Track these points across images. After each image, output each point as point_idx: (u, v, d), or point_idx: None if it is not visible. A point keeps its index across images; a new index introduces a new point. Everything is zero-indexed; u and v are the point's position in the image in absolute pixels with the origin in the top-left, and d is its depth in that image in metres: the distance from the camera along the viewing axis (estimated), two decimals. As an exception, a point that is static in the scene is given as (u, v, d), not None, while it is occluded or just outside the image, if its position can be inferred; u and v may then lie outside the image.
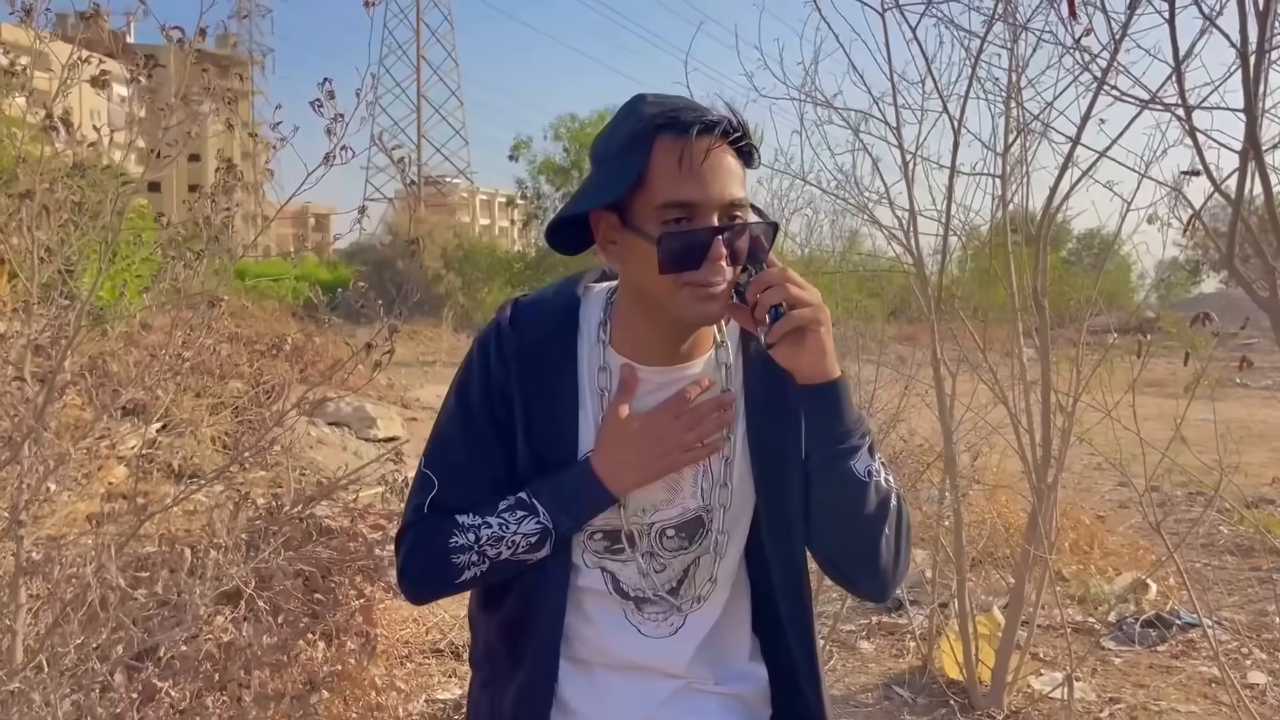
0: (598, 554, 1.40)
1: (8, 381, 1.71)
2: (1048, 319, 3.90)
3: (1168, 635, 4.80)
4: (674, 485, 1.38)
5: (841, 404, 1.30)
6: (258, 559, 2.14)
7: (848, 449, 1.30)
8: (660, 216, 1.25)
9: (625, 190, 1.26)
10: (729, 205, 1.26)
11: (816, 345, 1.26)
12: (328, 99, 1.71)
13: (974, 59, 3.82)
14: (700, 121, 1.25)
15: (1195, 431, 3.41)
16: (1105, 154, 3.58)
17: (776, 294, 1.24)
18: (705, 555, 1.40)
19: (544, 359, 1.38)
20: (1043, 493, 3.88)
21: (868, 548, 1.31)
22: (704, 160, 1.25)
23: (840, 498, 1.31)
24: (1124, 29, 3.14)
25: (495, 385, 1.37)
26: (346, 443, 9.48)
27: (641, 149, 1.26)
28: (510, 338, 1.38)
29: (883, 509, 1.31)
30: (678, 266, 1.25)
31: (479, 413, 1.38)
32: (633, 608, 1.41)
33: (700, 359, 1.39)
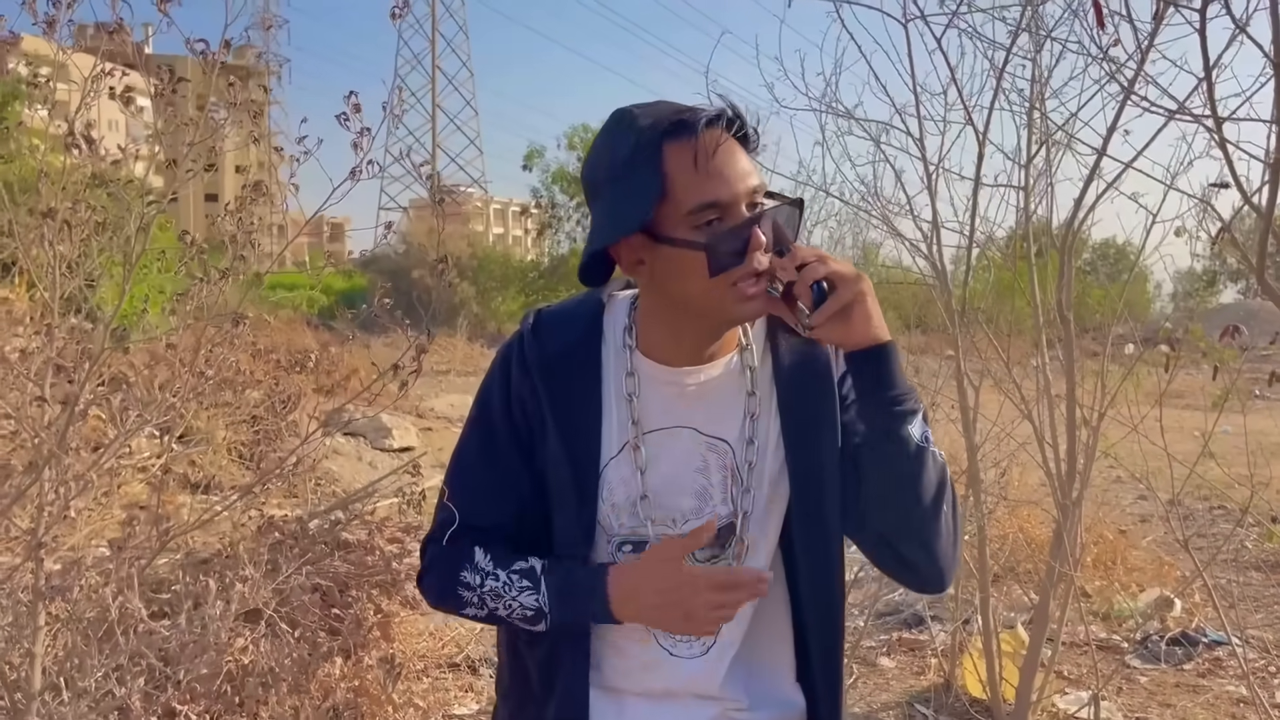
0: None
1: (29, 402, 1.69)
2: (1073, 332, 3.86)
3: (1194, 653, 4.73)
4: (704, 494, 1.36)
5: (894, 367, 1.28)
6: (279, 579, 2.11)
7: (903, 412, 1.27)
8: (693, 222, 1.24)
9: (650, 207, 1.24)
10: (752, 193, 1.27)
11: (863, 313, 1.25)
12: (354, 112, 1.69)
13: (999, 70, 3.77)
14: (702, 119, 1.25)
15: (1217, 444, 3.36)
16: (1131, 165, 3.54)
17: (819, 269, 1.24)
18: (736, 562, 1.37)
19: (567, 366, 1.37)
20: (1067, 509, 3.82)
21: (928, 523, 1.28)
22: (717, 155, 1.24)
23: (896, 468, 1.28)
24: (1151, 38, 3.10)
25: (516, 397, 1.37)
26: (362, 453, 9.48)
27: (651, 161, 1.25)
28: (532, 347, 1.38)
29: (942, 482, 1.29)
30: (727, 266, 1.24)
31: (500, 426, 1.37)
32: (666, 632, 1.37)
33: (722, 359, 1.37)
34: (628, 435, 1.35)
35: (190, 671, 1.93)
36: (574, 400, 1.35)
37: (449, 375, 18.65)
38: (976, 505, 4.14)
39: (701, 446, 1.36)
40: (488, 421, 1.39)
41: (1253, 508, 5.21)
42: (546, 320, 1.41)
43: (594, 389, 1.36)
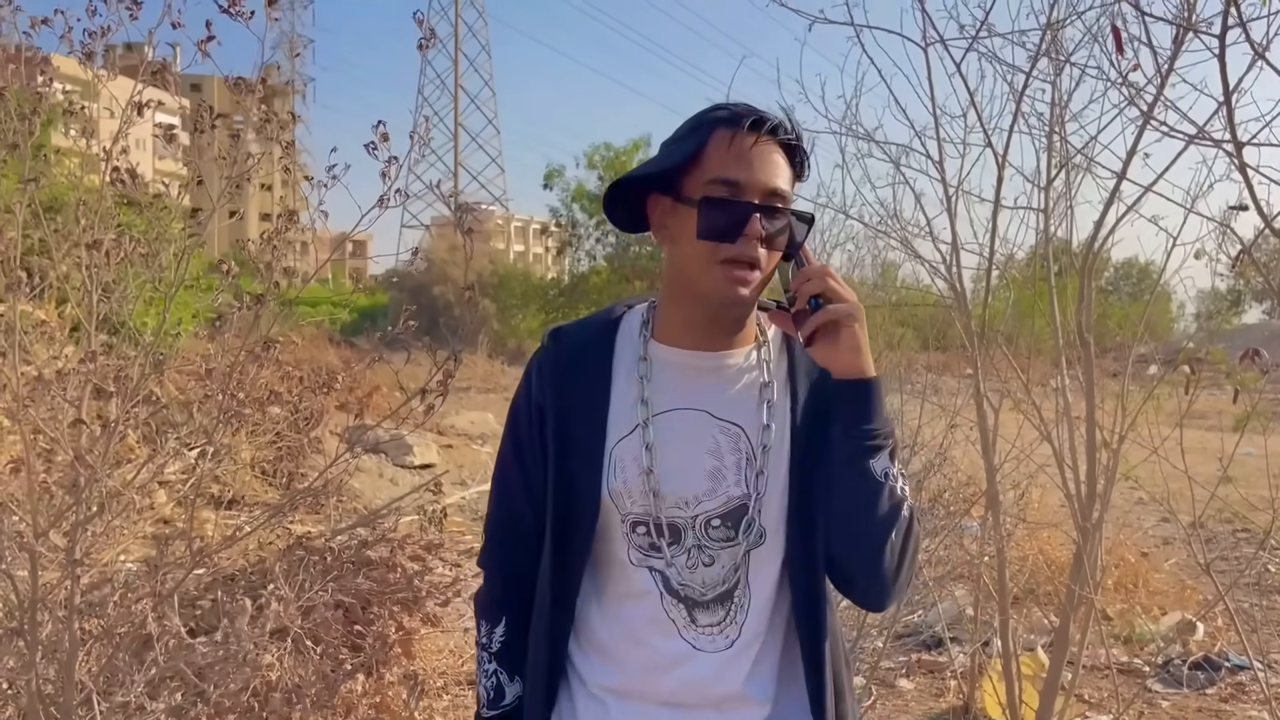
0: (643, 551, 1.41)
1: (68, 425, 1.74)
2: (1092, 354, 3.86)
3: (1216, 678, 4.70)
4: (717, 474, 1.40)
5: (872, 402, 1.34)
6: (305, 598, 2.15)
7: (870, 446, 1.33)
8: (707, 191, 1.34)
9: (677, 163, 1.36)
10: (771, 192, 1.35)
11: (851, 341, 1.31)
12: (381, 142, 1.73)
13: (1018, 94, 3.79)
14: (755, 116, 1.35)
15: (1239, 467, 3.35)
16: (1151, 189, 3.55)
17: (816, 285, 1.32)
18: (754, 550, 1.41)
19: (579, 364, 1.45)
20: (1087, 531, 3.81)
21: (872, 549, 1.34)
22: (753, 146, 1.34)
23: (854, 493, 1.34)
24: (1170, 63, 3.12)
25: (535, 402, 1.45)
26: (383, 469, 9.53)
27: (699, 135, 1.36)
28: (549, 354, 1.47)
29: (893, 514, 1.34)
30: (715, 235, 1.33)
31: (524, 429, 1.47)
32: (686, 619, 1.41)
33: (741, 349, 1.44)
34: (638, 416, 1.41)
35: (220, 687, 1.97)
36: (583, 390, 1.43)
37: (469, 392, 18.74)
38: (996, 526, 4.14)
39: (714, 429, 1.41)
40: (515, 426, 1.49)
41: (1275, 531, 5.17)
42: (565, 332, 1.51)
43: (604, 376, 1.44)
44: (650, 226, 1.45)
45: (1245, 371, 3.87)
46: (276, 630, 2.37)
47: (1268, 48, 2.49)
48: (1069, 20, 3.75)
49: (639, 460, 1.40)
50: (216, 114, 1.81)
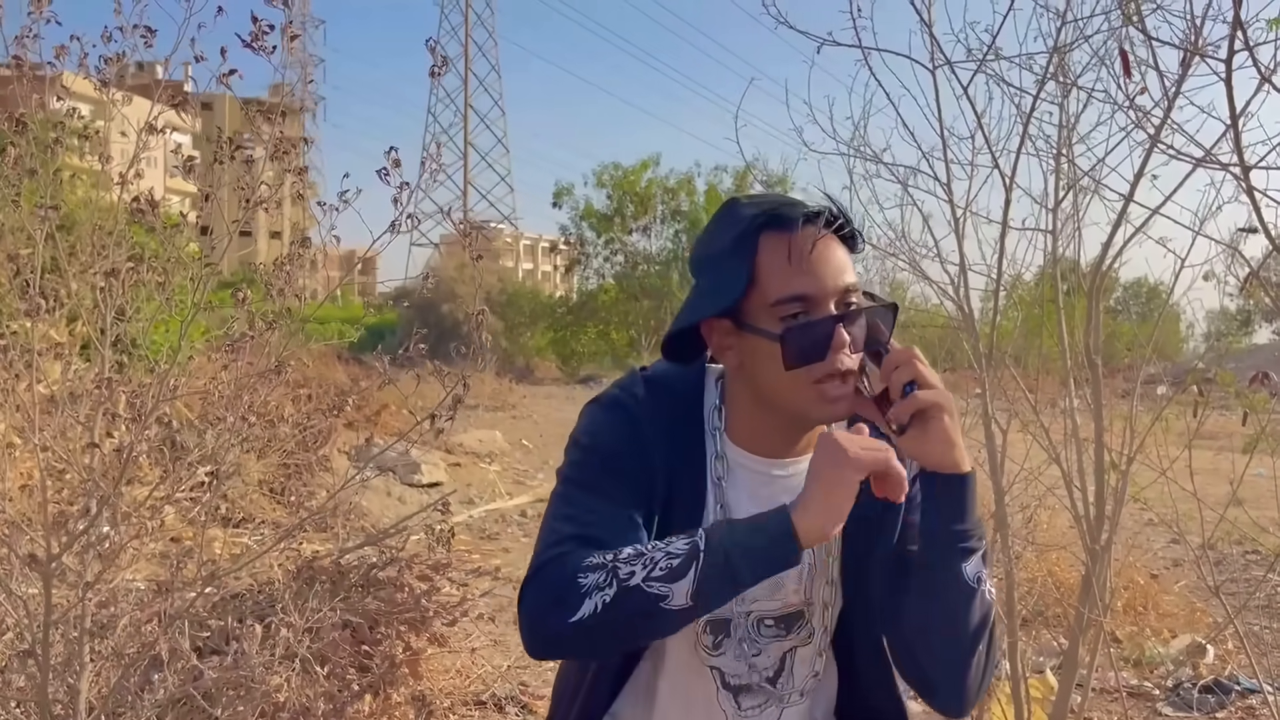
0: (708, 650, 1.38)
1: (82, 449, 1.75)
2: (1100, 376, 3.86)
3: (1226, 701, 4.67)
4: (777, 582, 1.34)
5: (966, 500, 1.25)
6: (313, 619, 2.16)
7: (965, 549, 1.25)
8: (777, 313, 1.25)
9: (738, 295, 1.26)
10: (844, 292, 1.26)
11: (942, 433, 1.22)
12: (393, 167, 1.75)
13: (1025, 116, 3.81)
14: (803, 214, 1.26)
15: (1249, 488, 3.34)
16: (1159, 211, 3.56)
17: (906, 372, 1.22)
18: (804, 647, 1.38)
19: (681, 440, 1.35)
20: (1096, 554, 3.80)
21: (961, 659, 1.26)
22: (812, 251, 1.24)
23: (945, 600, 1.26)
24: (1178, 87, 3.13)
25: (640, 451, 1.32)
26: (391, 488, 9.53)
27: (747, 249, 1.26)
28: (650, 410, 1.34)
29: (984, 622, 1.26)
30: (804, 360, 1.24)
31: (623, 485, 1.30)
32: (734, 706, 1.39)
33: (810, 452, 1.33)
34: (715, 518, 1.34)
35: (227, 708, 1.97)
36: (687, 477, 1.34)
37: (477, 410, 18.74)
38: (1004, 548, 4.13)
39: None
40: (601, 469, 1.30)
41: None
42: (656, 387, 1.37)
43: (700, 468, 1.34)
44: (711, 349, 1.34)
45: (1255, 394, 3.87)
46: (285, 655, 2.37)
47: (1275, 71, 2.51)
48: (1076, 44, 3.78)
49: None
50: (235, 145, 1.83)
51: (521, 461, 12.67)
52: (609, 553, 1.17)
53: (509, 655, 5.16)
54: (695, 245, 1.37)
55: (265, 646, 1.98)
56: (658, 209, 32.81)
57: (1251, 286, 3.50)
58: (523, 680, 4.91)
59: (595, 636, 1.17)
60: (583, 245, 34.57)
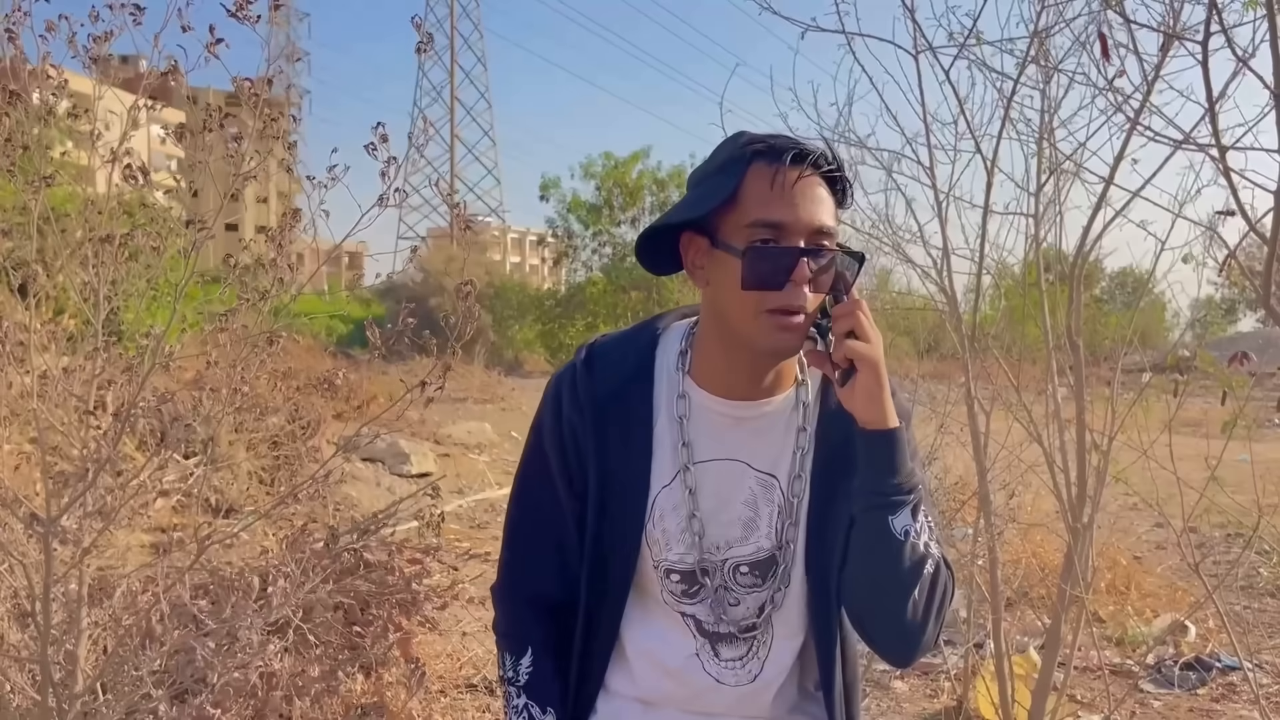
0: (676, 596, 1.40)
1: (78, 417, 1.78)
2: (1082, 357, 3.91)
3: (1207, 678, 4.74)
4: (751, 524, 1.37)
5: (891, 456, 1.27)
6: (308, 589, 2.19)
7: (889, 502, 1.27)
8: (748, 235, 1.26)
9: (714, 205, 1.28)
10: (817, 231, 1.27)
11: (864, 387, 1.24)
12: (381, 142, 1.77)
13: (1006, 101, 3.85)
14: (795, 149, 1.27)
15: (1233, 473, 3.39)
16: (1139, 194, 3.61)
17: (847, 322, 1.25)
18: (779, 594, 1.40)
19: (620, 404, 1.38)
20: (1078, 532, 3.86)
21: (891, 608, 1.28)
22: (795, 184, 1.26)
23: (872, 551, 1.28)
24: (1157, 70, 3.17)
25: (568, 430, 1.38)
26: (380, 478, 9.55)
27: (736, 171, 1.28)
28: (585, 383, 1.39)
29: (914, 571, 1.27)
30: (761, 284, 1.25)
31: (551, 455, 1.41)
32: (710, 654, 1.41)
33: (780, 395, 1.38)
34: (680, 460, 1.36)
35: (223, 674, 2.00)
36: (626, 437, 1.37)
37: (466, 402, 18.76)
38: (987, 527, 4.18)
39: (751, 479, 1.38)
40: (540, 453, 1.42)
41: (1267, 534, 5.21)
42: (600, 354, 1.42)
43: (646, 425, 1.37)
44: (685, 267, 1.37)
45: (1234, 375, 3.92)
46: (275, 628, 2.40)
47: (1253, 55, 2.54)
48: (1056, 28, 3.82)
49: (679, 508, 1.37)
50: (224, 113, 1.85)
51: (510, 452, 12.69)
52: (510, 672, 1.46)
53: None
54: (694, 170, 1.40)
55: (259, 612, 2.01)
56: (646, 200, 32.80)
57: (1230, 268, 3.55)
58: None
59: None
60: (570, 238, 34.56)
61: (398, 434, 11.38)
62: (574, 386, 1.39)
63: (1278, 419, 13.77)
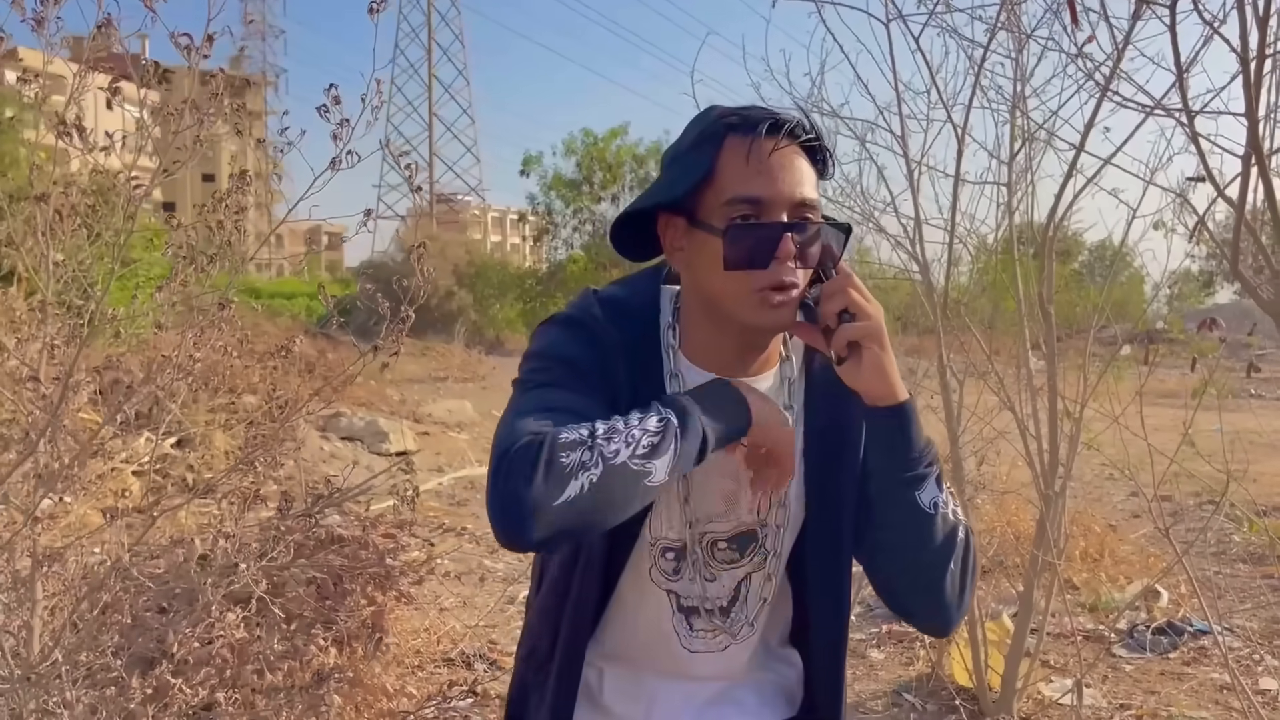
0: (665, 575, 1.38)
1: (22, 381, 1.75)
2: (1053, 325, 3.92)
3: (1179, 642, 4.79)
4: (732, 498, 1.35)
5: (907, 430, 1.23)
6: (269, 557, 2.17)
7: (913, 478, 1.23)
8: (728, 213, 1.21)
9: (691, 186, 1.24)
10: (799, 204, 1.23)
11: (873, 363, 1.19)
12: (333, 104, 1.75)
13: (977, 68, 3.85)
14: (770, 119, 1.23)
15: (1209, 442, 3.41)
16: (1110, 161, 3.61)
17: (839, 300, 1.20)
18: (757, 573, 1.38)
19: (642, 359, 1.32)
20: (1050, 499, 3.89)
21: (931, 583, 1.25)
22: (771, 155, 1.22)
23: (904, 530, 1.25)
24: (1127, 37, 3.17)
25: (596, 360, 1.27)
26: (359, 457, 9.52)
27: (710, 147, 1.24)
28: (608, 329, 1.30)
29: (949, 543, 1.25)
30: (744, 263, 1.21)
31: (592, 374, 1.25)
32: (685, 627, 1.39)
33: (769, 372, 1.35)
34: None
35: (185, 643, 1.99)
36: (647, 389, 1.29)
37: (446, 381, 18.73)
38: (959, 494, 4.20)
39: (738, 455, 1.32)
40: (573, 366, 1.25)
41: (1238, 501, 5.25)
42: (610, 307, 1.34)
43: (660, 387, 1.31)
44: (663, 250, 1.32)
45: (1204, 340, 3.94)
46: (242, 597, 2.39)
47: (1223, 21, 2.53)
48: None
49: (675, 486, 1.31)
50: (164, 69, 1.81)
51: (490, 430, 12.68)
52: (585, 427, 1.11)
53: (477, 614, 5.20)
54: (668, 148, 1.35)
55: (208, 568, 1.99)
56: (625, 177, 32.71)
57: (1199, 234, 3.56)
58: (491, 638, 4.95)
59: (580, 517, 1.10)
60: (550, 215, 34.44)
61: (377, 413, 11.36)
62: (599, 325, 1.30)
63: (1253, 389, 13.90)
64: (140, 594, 1.94)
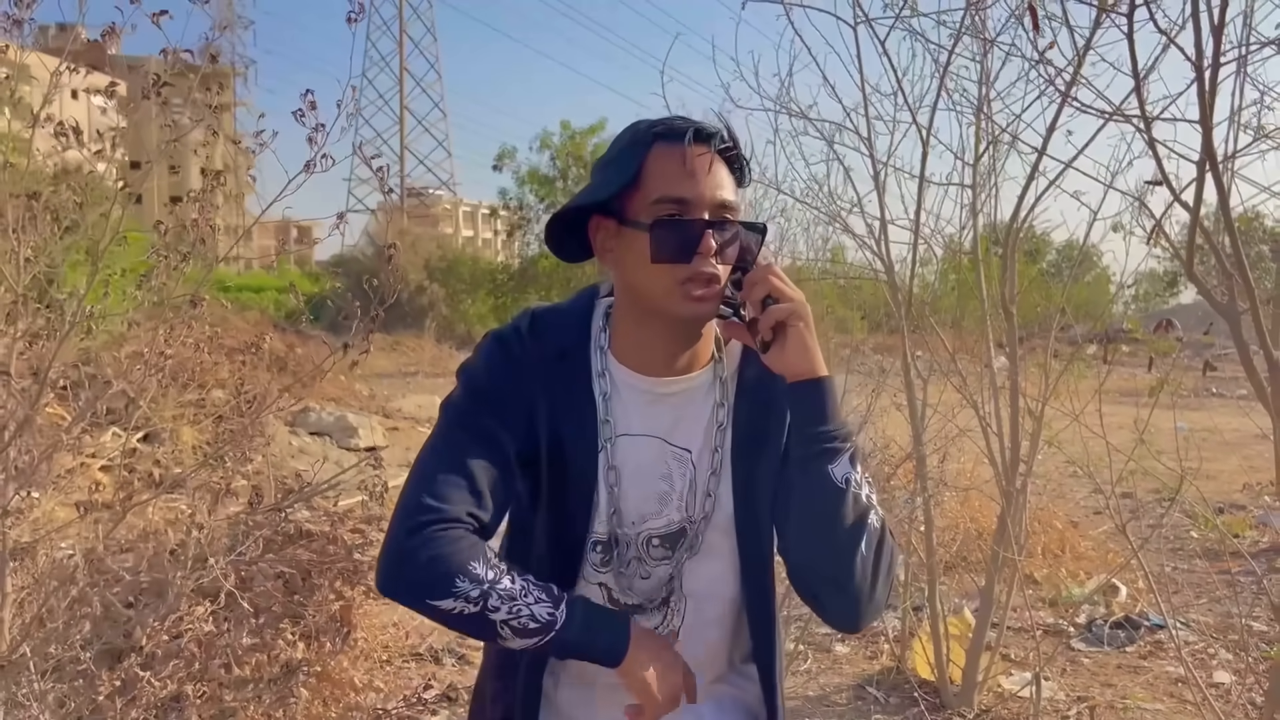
0: (595, 567, 1.42)
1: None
2: (1015, 324, 3.99)
3: (1136, 636, 4.89)
4: (665, 498, 1.40)
5: (824, 403, 1.30)
6: (237, 552, 2.19)
7: (827, 450, 1.28)
8: (654, 211, 1.31)
9: (619, 187, 1.32)
10: (720, 205, 1.32)
11: (798, 340, 1.28)
12: (309, 109, 1.77)
13: (942, 71, 3.91)
14: (695, 128, 1.32)
15: (1169, 440, 3.49)
16: (1071, 164, 3.68)
17: (762, 288, 1.29)
18: (687, 562, 1.42)
19: (566, 371, 1.39)
20: (1012, 495, 3.96)
21: (839, 561, 1.27)
22: (694, 160, 1.31)
23: (813, 501, 1.29)
24: (1088, 43, 3.23)
25: (511, 383, 1.36)
26: (328, 452, 9.49)
27: (638, 153, 1.33)
28: (532, 348, 1.39)
29: (859, 523, 1.28)
30: (669, 256, 1.29)
31: (493, 416, 1.35)
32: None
33: (698, 372, 1.41)
34: (601, 436, 1.38)
35: (153, 635, 2.00)
36: (570, 401, 1.38)
37: (417, 376, 18.67)
38: (922, 489, 4.27)
39: (667, 455, 1.40)
40: (479, 410, 1.35)
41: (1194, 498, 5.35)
42: (544, 320, 1.42)
43: (589, 391, 1.38)
44: (594, 250, 1.40)
45: (1162, 340, 4.04)
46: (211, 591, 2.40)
47: (1179, 32, 2.59)
48: (991, 1, 3.87)
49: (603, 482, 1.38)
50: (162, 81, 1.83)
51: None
52: (492, 571, 1.23)
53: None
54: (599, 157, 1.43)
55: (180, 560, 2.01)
56: (599, 174, 32.65)
57: (1157, 237, 3.64)
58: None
59: (440, 620, 1.25)
60: (522, 209, 34.35)
61: (346, 408, 11.32)
62: (522, 344, 1.39)
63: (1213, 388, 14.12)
64: (110, 587, 1.95)
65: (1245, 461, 9.04)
